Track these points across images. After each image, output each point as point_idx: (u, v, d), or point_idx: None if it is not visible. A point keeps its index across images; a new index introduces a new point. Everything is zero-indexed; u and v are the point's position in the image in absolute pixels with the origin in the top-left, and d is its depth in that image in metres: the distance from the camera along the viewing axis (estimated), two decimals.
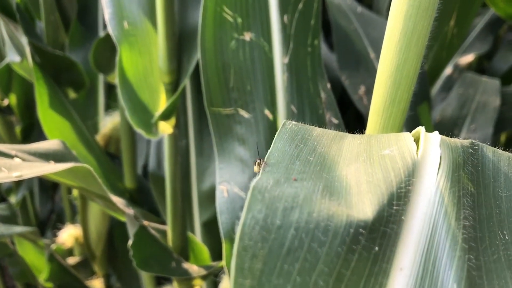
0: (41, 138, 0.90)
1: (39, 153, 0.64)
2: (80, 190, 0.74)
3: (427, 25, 0.36)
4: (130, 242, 0.69)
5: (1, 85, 1.06)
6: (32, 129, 1.13)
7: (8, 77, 1.06)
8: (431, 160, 0.28)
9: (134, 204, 0.87)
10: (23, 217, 1.20)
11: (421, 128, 0.31)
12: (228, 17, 0.60)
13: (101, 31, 1.01)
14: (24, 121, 1.12)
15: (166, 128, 0.74)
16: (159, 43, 0.70)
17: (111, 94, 1.05)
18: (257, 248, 0.22)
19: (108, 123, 1.02)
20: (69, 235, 1.02)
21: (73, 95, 0.97)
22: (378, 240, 0.24)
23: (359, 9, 0.99)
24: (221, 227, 0.60)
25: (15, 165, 0.53)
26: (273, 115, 0.61)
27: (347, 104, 1.01)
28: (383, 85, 0.38)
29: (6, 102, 1.10)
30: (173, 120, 0.74)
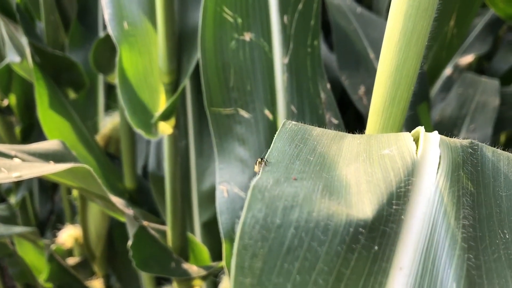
0: (41, 138, 0.90)
1: (39, 154, 0.64)
2: (79, 190, 0.74)
3: (426, 25, 0.36)
4: (129, 242, 0.69)
5: (1, 86, 1.06)
6: (32, 129, 1.13)
7: (8, 78, 1.05)
8: (431, 159, 0.28)
9: (133, 204, 0.87)
10: (23, 218, 1.20)
11: (421, 128, 0.31)
12: (228, 17, 0.60)
13: (101, 32, 1.01)
14: (24, 122, 1.12)
15: (166, 128, 0.74)
16: (159, 43, 0.70)
17: (111, 94, 1.05)
18: (257, 247, 0.22)
19: (108, 123, 1.02)
20: (68, 235, 1.02)
21: (73, 95, 0.97)
22: (377, 239, 0.24)
23: (359, 10, 0.99)
24: (221, 227, 0.60)
25: (14, 166, 0.53)
26: (273, 115, 0.61)
27: (347, 104, 1.01)
28: (383, 85, 0.39)
29: (6, 102, 1.10)
30: (173, 120, 0.74)
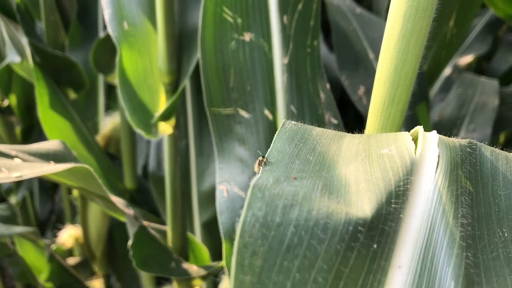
0: (41, 138, 0.90)
1: (39, 154, 0.64)
2: (80, 190, 0.74)
3: (425, 26, 0.36)
4: (130, 242, 0.69)
5: (1, 86, 1.06)
6: (32, 129, 1.13)
7: (8, 78, 1.06)
8: (429, 159, 0.28)
9: (134, 204, 0.87)
10: (23, 218, 1.20)
11: (419, 127, 0.31)
12: (228, 17, 0.60)
13: (101, 32, 1.01)
14: (24, 122, 1.12)
15: (166, 128, 0.74)
16: (159, 44, 0.70)
17: (111, 94, 1.05)
18: (257, 245, 0.22)
19: (108, 123, 1.02)
20: (69, 235, 1.02)
21: (73, 95, 0.97)
22: (376, 237, 0.24)
23: (358, 10, 0.99)
24: (221, 227, 0.60)
25: (15, 166, 0.54)
26: (273, 115, 0.61)
27: (347, 104, 1.01)
28: (382, 86, 0.39)
29: (6, 102, 1.10)
30: (173, 120, 0.74)
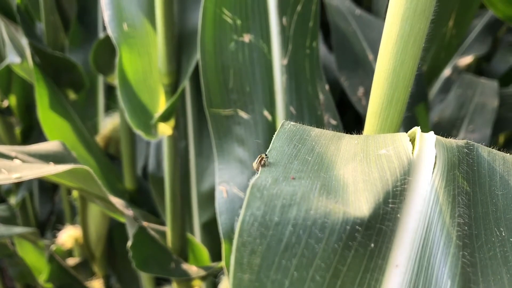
0: (41, 139, 0.90)
1: (39, 155, 0.64)
2: (79, 191, 0.74)
3: (423, 28, 0.36)
4: (129, 243, 0.69)
5: (1, 86, 1.06)
6: (32, 130, 1.13)
7: (8, 78, 1.06)
8: (427, 159, 0.28)
9: (133, 205, 0.87)
10: (23, 218, 1.20)
11: (417, 128, 0.31)
12: (227, 19, 0.60)
13: (100, 33, 1.01)
14: (24, 122, 1.12)
15: (165, 129, 0.74)
16: (159, 45, 0.70)
17: (111, 95, 1.05)
18: (255, 244, 0.22)
19: (108, 124, 1.02)
20: (69, 236, 1.02)
21: (73, 96, 0.97)
22: (374, 237, 0.24)
23: (358, 11, 1.00)
24: (220, 228, 0.60)
25: (15, 167, 0.54)
26: (272, 116, 0.62)
27: (346, 105, 1.01)
28: (381, 87, 0.39)
29: (6, 103, 1.11)
30: (172, 121, 0.74)
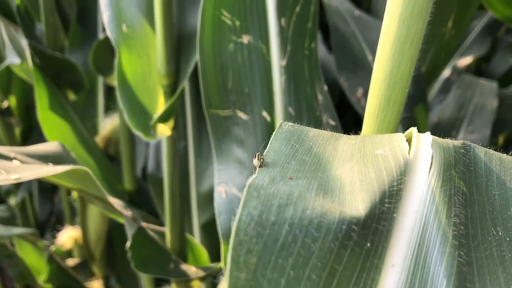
0: (41, 140, 0.90)
1: (38, 155, 0.65)
2: (78, 192, 0.74)
3: (421, 29, 0.37)
4: (128, 243, 0.70)
5: (1, 87, 1.06)
6: (31, 131, 1.14)
7: (8, 79, 1.06)
8: (423, 159, 0.28)
9: (133, 205, 0.87)
10: (23, 219, 1.20)
11: (413, 128, 0.31)
12: (226, 20, 0.60)
13: (100, 33, 1.01)
14: (23, 123, 1.12)
15: (164, 130, 0.74)
16: (158, 46, 0.71)
17: (110, 96, 1.05)
18: (252, 243, 0.22)
19: (107, 125, 1.03)
20: (68, 236, 1.03)
21: (72, 97, 0.97)
22: (370, 236, 0.25)
23: (357, 12, 1.00)
24: (219, 228, 0.60)
25: (13, 168, 0.54)
26: (271, 117, 0.62)
27: (346, 106, 1.01)
28: (378, 88, 0.39)
29: (6, 104, 1.11)
30: (171, 122, 0.74)
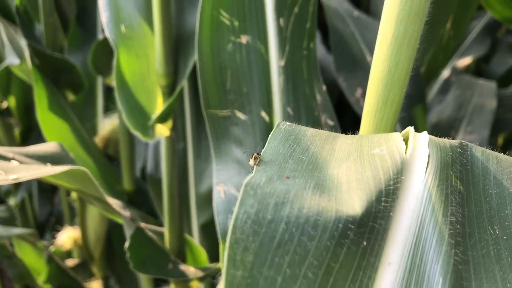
0: (40, 140, 0.90)
1: (37, 156, 0.65)
2: (77, 192, 0.75)
3: (418, 29, 0.37)
4: (126, 244, 0.70)
5: (1, 88, 1.06)
6: (31, 131, 1.14)
7: (7, 80, 1.06)
8: (420, 158, 0.29)
9: (132, 206, 0.87)
10: (22, 219, 1.20)
11: (410, 128, 0.31)
12: (225, 20, 0.61)
13: (99, 34, 1.01)
14: (23, 123, 1.12)
15: (163, 130, 0.74)
16: (156, 46, 0.71)
17: (109, 96, 1.06)
18: (248, 241, 0.22)
19: (106, 125, 1.03)
20: (67, 237, 1.03)
21: (72, 97, 0.97)
22: (366, 235, 0.25)
23: (356, 13, 1.00)
24: (218, 228, 0.60)
25: (12, 168, 0.54)
26: (270, 117, 0.62)
27: (345, 106, 1.01)
28: (376, 88, 0.39)
29: (5, 104, 1.11)
30: (170, 122, 0.74)
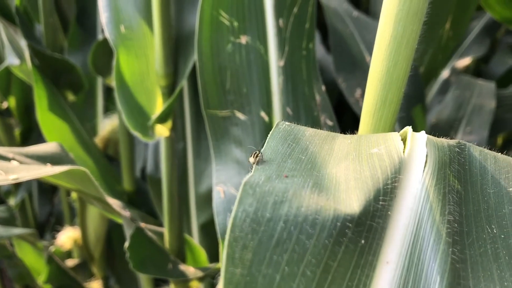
0: (40, 140, 0.90)
1: (37, 156, 0.65)
2: (77, 192, 0.75)
3: (416, 29, 0.37)
4: (126, 244, 0.70)
5: (1, 88, 1.06)
6: (31, 131, 1.14)
7: (7, 80, 1.06)
8: (418, 158, 0.29)
9: (132, 206, 0.87)
10: (22, 219, 1.21)
11: (408, 127, 0.32)
12: (224, 20, 0.61)
13: (99, 34, 1.01)
14: (23, 124, 1.12)
15: (162, 131, 0.74)
16: (156, 47, 0.71)
17: (109, 96, 1.06)
18: (247, 239, 0.23)
19: (106, 125, 1.03)
20: (68, 237, 1.03)
21: (72, 97, 0.98)
22: (364, 233, 0.25)
23: (355, 13, 1.00)
24: (217, 228, 0.60)
25: (12, 168, 0.54)
26: (269, 117, 0.62)
27: (344, 106, 1.01)
28: (374, 88, 0.39)
29: (5, 104, 1.11)
30: (169, 123, 0.74)
